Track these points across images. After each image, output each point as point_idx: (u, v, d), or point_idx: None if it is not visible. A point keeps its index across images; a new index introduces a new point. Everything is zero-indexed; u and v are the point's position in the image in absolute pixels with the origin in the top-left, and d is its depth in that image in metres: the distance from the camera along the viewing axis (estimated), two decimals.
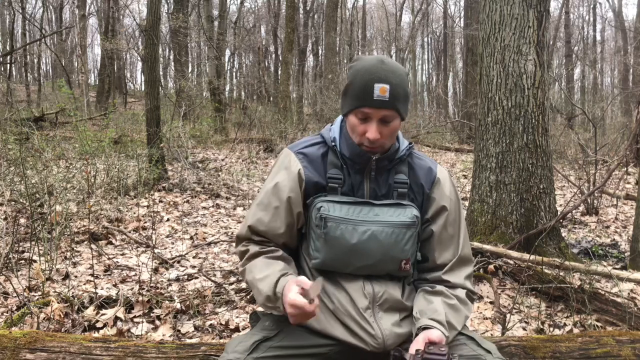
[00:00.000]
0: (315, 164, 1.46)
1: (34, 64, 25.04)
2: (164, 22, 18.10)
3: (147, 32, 7.06)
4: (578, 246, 4.49)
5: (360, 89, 1.35)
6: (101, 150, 6.53)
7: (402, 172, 1.47)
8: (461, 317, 1.40)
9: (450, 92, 27.27)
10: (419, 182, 1.48)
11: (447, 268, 1.45)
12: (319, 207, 1.39)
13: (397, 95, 1.35)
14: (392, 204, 1.42)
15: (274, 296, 1.31)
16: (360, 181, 1.45)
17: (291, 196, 1.43)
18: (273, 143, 10.65)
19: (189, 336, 2.59)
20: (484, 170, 4.06)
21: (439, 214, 1.47)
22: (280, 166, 1.48)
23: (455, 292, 1.43)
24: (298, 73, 22.66)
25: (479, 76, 4.19)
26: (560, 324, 2.81)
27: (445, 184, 1.50)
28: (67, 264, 3.61)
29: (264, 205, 1.45)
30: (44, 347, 1.65)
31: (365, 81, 1.34)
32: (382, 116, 1.36)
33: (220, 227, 5.10)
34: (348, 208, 1.39)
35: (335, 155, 1.46)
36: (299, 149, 1.49)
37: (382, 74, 1.34)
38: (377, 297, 1.38)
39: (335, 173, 1.44)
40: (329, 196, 1.42)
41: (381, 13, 32.87)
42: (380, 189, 1.45)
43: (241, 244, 1.49)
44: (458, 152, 12.57)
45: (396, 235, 1.38)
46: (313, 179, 1.44)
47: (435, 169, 1.52)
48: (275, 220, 1.44)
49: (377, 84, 1.33)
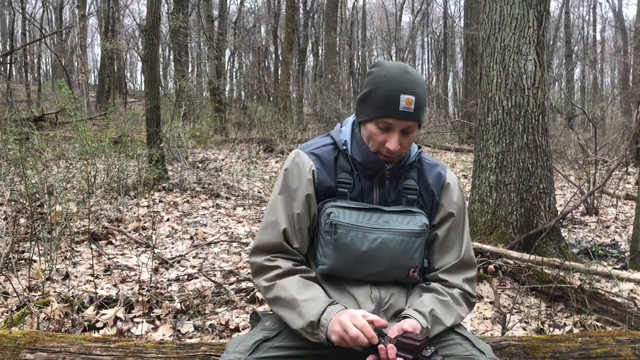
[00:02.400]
0: (328, 167, 1.42)
1: (34, 64, 25.07)
2: (164, 22, 18.11)
3: (147, 32, 7.06)
4: (578, 246, 4.49)
5: (385, 98, 1.31)
6: (101, 150, 6.53)
7: (411, 178, 1.45)
8: (452, 315, 1.38)
9: (450, 92, 27.28)
10: (429, 189, 1.46)
11: (445, 268, 1.44)
12: (328, 213, 1.37)
13: (421, 107, 1.33)
14: (402, 211, 1.40)
15: (317, 324, 1.26)
16: (370, 187, 1.42)
17: (310, 194, 1.39)
18: (273, 143, 10.65)
19: (189, 336, 2.59)
20: (484, 170, 4.06)
21: (445, 220, 1.46)
22: (293, 167, 1.42)
23: (450, 291, 1.42)
24: (298, 73, 22.66)
25: (479, 76, 4.19)
26: (560, 324, 2.81)
27: (454, 189, 1.48)
28: (67, 264, 3.61)
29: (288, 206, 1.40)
30: (44, 347, 1.65)
31: (391, 91, 1.30)
32: (405, 127, 1.33)
33: (220, 227, 5.10)
34: (358, 214, 1.37)
35: (346, 160, 1.43)
36: (311, 150, 1.44)
37: (408, 84, 1.31)
38: (383, 303, 1.38)
39: (345, 177, 1.41)
40: (338, 201, 1.39)
41: (381, 13, 32.88)
42: (389, 195, 1.43)
43: (265, 257, 1.39)
44: (458, 152, 12.56)
45: (405, 244, 1.37)
46: (324, 182, 1.41)
47: (445, 174, 1.49)
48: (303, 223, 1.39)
49: (403, 94, 1.30)
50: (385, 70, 1.34)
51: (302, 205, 1.38)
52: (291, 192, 1.40)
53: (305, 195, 1.39)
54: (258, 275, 1.41)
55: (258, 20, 28.78)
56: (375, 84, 1.33)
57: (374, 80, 1.34)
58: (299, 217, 1.38)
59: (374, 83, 1.34)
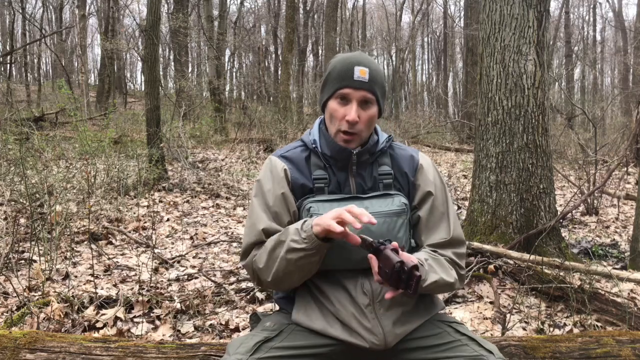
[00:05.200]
0: (300, 166, 1.47)
1: (34, 64, 25.05)
2: (164, 22, 18.10)
3: (147, 32, 7.06)
4: (578, 246, 4.49)
5: (341, 71, 1.41)
6: (101, 150, 6.53)
7: (385, 164, 1.49)
8: (445, 271, 1.39)
9: (450, 92, 27.29)
10: (403, 171, 1.50)
11: (435, 243, 1.46)
12: (308, 208, 1.40)
13: (376, 80, 1.42)
14: (380, 195, 1.44)
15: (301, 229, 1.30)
16: (345, 178, 1.46)
17: (285, 192, 1.43)
18: (273, 143, 10.65)
19: (189, 336, 2.59)
20: (484, 170, 4.06)
21: (424, 199, 1.49)
22: (266, 172, 1.47)
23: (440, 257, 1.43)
24: (298, 73, 22.66)
25: (479, 76, 4.19)
26: (560, 324, 2.81)
27: (429, 169, 1.52)
28: (67, 264, 3.61)
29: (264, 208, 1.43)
30: (44, 347, 1.65)
31: (346, 65, 1.41)
32: (362, 97, 1.40)
33: (220, 227, 5.10)
34: (338, 205, 1.39)
35: (317, 157, 1.48)
36: (282, 154, 1.51)
37: (362, 58, 1.42)
38: (376, 294, 1.38)
39: (320, 174, 1.46)
40: (317, 196, 1.43)
41: (381, 13, 32.88)
42: (366, 183, 1.47)
43: (250, 254, 1.43)
44: (458, 152, 12.56)
45: (388, 224, 1.40)
46: (299, 180, 1.45)
47: (417, 156, 1.54)
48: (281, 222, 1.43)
49: (357, 66, 1.40)
50: (340, 55, 1.47)
51: (278, 203, 1.43)
52: (265, 194, 1.44)
53: (281, 193, 1.43)
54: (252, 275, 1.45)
55: (258, 20, 28.79)
56: (333, 65, 1.45)
57: (331, 64, 1.46)
58: (277, 214, 1.42)
59: (331, 65, 1.45)
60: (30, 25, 22.08)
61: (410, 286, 1.15)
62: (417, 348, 1.39)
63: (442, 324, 1.44)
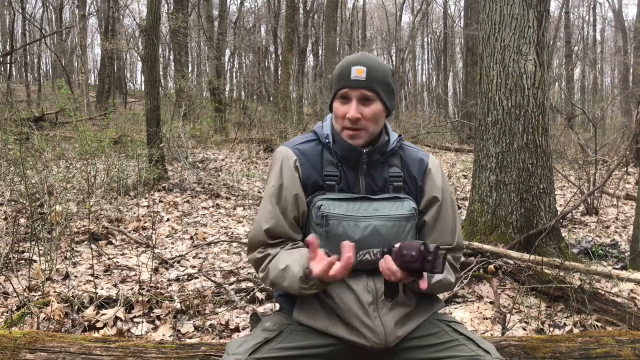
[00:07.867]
0: (313, 161, 1.47)
1: (34, 64, 25.06)
2: (164, 22, 18.08)
3: (147, 32, 7.05)
4: (578, 246, 4.49)
5: (340, 73, 1.44)
6: (101, 150, 6.53)
7: (395, 166, 1.50)
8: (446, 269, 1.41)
9: (450, 92, 27.27)
10: (412, 175, 1.50)
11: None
12: (319, 206, 1.40)
13: (375, 78, 1.42)
14: (390, 198, 1.44)
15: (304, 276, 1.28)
16: (356, 177, 1.46)
17: (297, 194, 1.43)
18: (273, 143, 10.65)
19: (189, 336, 2.59)
20: (484, 170, 4.06)
21: (431, 204, 1.49)
22: (279, 164, 1.47)
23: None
24: (298, 73, 22.65)
25: (479, 76, 4.19)
26: (560, 324, 2.81)
27: (437, 174, 1.52)
28: (67, 264, 3.61)
29: (273, 206, 1.43)
30: (44, 347, 1.65)
31: (344, 66, 1.44)
32: (360, 95, 1.41)
33: (220, 227, 5.10)
34: (348, 204, 1.40)
35: (330, 153, 1.48)
36: (295, 145, 1.50)
37: (361, 58, 1.44)
38: (379, 293, 1.38)
39: (332, 171, 1.45)
40: (327, 194, 1.43)
41: (381, 13, 32.88)
42: (376, 183, 1.47)
43: (256, 251, 1.45)
44: (458, 152, 12.56)
45: (397, 228, 1.40)
46: (310, 177, 1.45)
47: (427, 159, 1.54)
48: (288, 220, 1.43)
49: (354, 66, 1.42)
50: (344, 58, 1.50)
51: (290, 199, 1.42)
52: (275, 188, 1.44)
53: (294, 195, 1.42)
54: (257, 269, 1.47)
55: (258, 20, 28.79)
56: (335, 68, 1.49)
57: (335, 68, 1.49)
58: (285, 210, 1.42)
59: (335, 69, 1.49)
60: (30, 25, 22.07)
61: (438, 265, 1.16)
62: (415, 347, 1.39)
63: (441, 323, 1.44)
